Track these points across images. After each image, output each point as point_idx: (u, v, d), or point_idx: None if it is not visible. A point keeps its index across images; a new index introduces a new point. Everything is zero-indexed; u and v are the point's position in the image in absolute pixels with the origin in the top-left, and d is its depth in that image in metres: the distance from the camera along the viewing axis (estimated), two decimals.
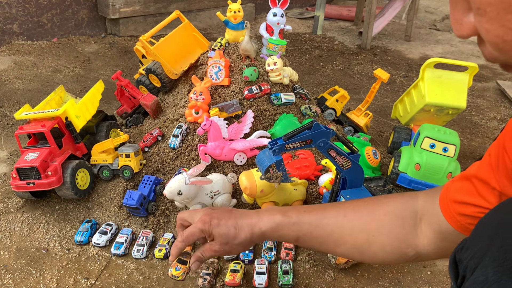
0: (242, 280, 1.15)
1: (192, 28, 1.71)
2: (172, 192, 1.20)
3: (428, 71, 1.60)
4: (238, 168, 1.38)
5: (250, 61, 1.51)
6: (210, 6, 3.36)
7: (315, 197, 1.36)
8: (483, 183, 0.64)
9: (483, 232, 0.51)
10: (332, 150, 1.11)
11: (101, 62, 2.67)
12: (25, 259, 1.22)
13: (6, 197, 1.44)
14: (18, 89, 2.23)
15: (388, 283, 1.19)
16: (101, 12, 3.02)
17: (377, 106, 2.28)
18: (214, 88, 1.50)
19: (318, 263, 1.24)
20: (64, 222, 1.36)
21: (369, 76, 2.68)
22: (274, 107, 1.48)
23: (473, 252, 0.51)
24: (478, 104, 2.41)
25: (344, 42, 3.31)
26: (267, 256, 1.24)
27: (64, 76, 2.44)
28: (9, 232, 1.31)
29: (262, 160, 1.12)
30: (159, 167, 1.44)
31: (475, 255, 0.50)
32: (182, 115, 1.50)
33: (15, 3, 2.71)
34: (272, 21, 1.50)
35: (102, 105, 1.94)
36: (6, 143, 1.77)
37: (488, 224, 0.52)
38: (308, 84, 2.51)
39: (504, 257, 0.45)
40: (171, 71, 1.62)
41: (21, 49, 2.71)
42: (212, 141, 1.35)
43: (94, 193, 1.42)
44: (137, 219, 1.35)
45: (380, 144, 1.86)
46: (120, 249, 1.24)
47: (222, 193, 1.29)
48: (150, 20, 3.09)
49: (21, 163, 1.28)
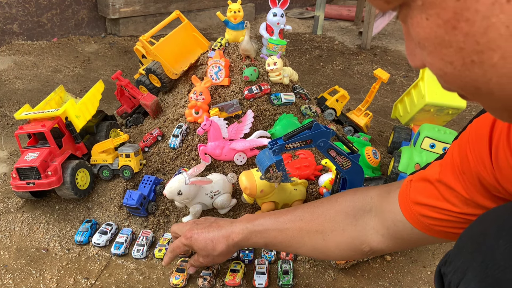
0: (242, 280, 1.15)
1: (192, 28, 1.71)
2: (172, 192, 1.20)
3: (428, 71, 1.60)
4: (238, 168, 1.38)
5: (250, 61, 1.51)
6: (210, 6, 3.36)
7: (315, 197, 1.36)
8: (448, 188, 0.65)
9: (465, 246, 0.52)
10: (332, 150, 1.11)
11: (101, 62, 2.67)
12: (25, 259, 1.22)
13: (6, 197, 1.44)
14: (18, 89, 2.23)
15: (388, 283, 1.19)
16: (101, 12, 3.02)
17: (377, 106, 2.28)
18: (214, 88, 1.50)
19: (318, 263, 1.24)
20: (64, 222, 1.36)
21: (369, 76, 2.68)
22: (274, 107, 1.48)
23: (456, 266, 0.51)
24: (478, 104, 2.41)
25: (344, 42, 3.31)
26: (267, 256, 1.24)
27: (64, 76, 2.44)
28: (9, 232, 1.31)
29: (262, 160, 1.12)
30: (159, 167, 1.44)
31: (458, 269, 0.50)
32: (182, 115, 1.50)
33: (15, 3, 2.71)
34: (272, 21, 1.50)
35: (102, 105, 1.94)
36: (6, 143, 1.77)
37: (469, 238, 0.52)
38: (308, 84, 2.51)
39: (486, 272, 0.46)
40: (171, 71, 1.62)
41: (21, 49, 2.71)
42: (212, 141, 1.35)
43: (94, 193, 1.42)
44: (137, 219, 1.35)
45: (380, 144, 1.86)
46: (120, 249, 1.24)
47: (222, 193, 1.29)
48: (150, 20, 3.09)
49: (21, 163, 1.28)
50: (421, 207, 0.68)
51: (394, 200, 0.74)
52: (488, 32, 0.28)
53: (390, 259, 1.27)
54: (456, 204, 0.63)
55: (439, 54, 0.31)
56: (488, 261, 0.46)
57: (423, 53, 0.33)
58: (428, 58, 0.33)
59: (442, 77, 0.33)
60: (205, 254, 1.00)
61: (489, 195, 0.59)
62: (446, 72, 0.32)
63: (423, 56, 0.33)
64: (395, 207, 0.73)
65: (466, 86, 0.32)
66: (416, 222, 0.70)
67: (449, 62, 0.31)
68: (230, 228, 0.96)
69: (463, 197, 0.62)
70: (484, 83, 0.31)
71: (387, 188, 0.80)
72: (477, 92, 0.33)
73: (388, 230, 0.76)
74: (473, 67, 0.30)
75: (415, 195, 0.70)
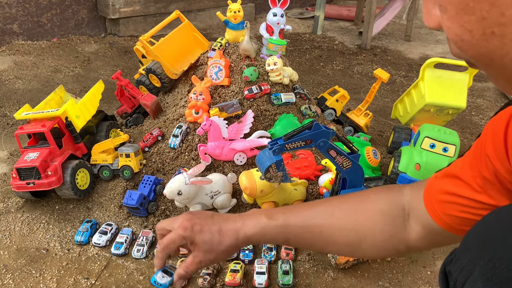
0: (242, 280, 1.15)
1: (192, 28, 1.71)
2: (172, 192, 1.20)
3: (428, 71, 1.60)
4: (238, 168, 1.38)
5: (250, 61, 1.51)
6: (210, 6, 3.36)
7: (315, 197, 1.36)
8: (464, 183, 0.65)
9: (471, 244, 0.51)
10: (332, 150, 1.11)
11: (101, 62, 2.67)
12: (25, 259, 1.22)
13: (6, 197, 1.44)
14: (18, 89, 2.23)
15: (388, 283, 1.19)
16: (101, 12, 3.02)
17: (377, 106, 2.28)
18: (214, 88, 1.50)
19: (318, 263, 1.24)
20: (64, 222, 1.36)
21: (369, 76, 2.68)
22: (274, 107, 1.48)
23: (462, 265, 0.50)
24: (478, 104, 2.41)
25: (344, 42, 3.31)
26: (267, 256, 1.24)
27: (64, 76, 2.44)
28: (9, 232, 1.31)
29: (262, 160, 1.12)
30: (159, 167, 1.44)
31: (465, 268, 0.50)
32: (182, 115, 1.50)
33: (15, 3, 2.71)
34: (272, 21, 1.50)
35: (102, 105, 1.94)
36: (6, 143, 1.77)
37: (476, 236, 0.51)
38: (308, 84, 2.51)
39: (493, 271, 0.45)
40: (171, 71, 1.62)
41: (21, 49, 2.70)
42: (212, 141, 1.35)
43: (94, 193, 1.42)
44: (137, 219, 1.35)
45: (380, 144, 1.86)
46: (120, 249, 1.24)
47: (222, 193, 1.29)
48: (150, 20, 3.09)
49: (21, 163, 1.28)
50: (443, 205, 0.67)
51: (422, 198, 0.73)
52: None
53: (390, 259, 1.27)
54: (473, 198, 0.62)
55: (460, 20, 0.31)
56: (496, 260, 0.45)
57: (443, 16, 0.32)
58: (447, 22, 0.32)
59: (457, 43, 0.32)
60: (208, 248, 0.82)
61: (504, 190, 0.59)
62: (463, 39, 0.32)
63: (442, 19, 0.33)
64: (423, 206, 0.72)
65: (480, 56, 0.32)
66: (441, 222, 0.68)
67: (469, 30, 0.31)
68: (241, 221, 0.82)
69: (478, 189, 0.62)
70: (500, 57, 0.30)
71: (418, 185, 0.77)
72: (490, 64, 0.32)
73: (423, 229, 0.74)
74: (493, 39, 0.30)
75: (437, 193, 0.69)
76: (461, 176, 0.66)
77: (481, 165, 0.62)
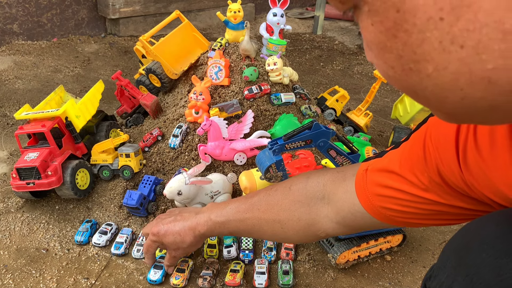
0: (242, 280, 1.15)
1: (192, 28, 1.71)
2: (172, 192, 1.20)
3: None
4: (238, 168, 1.38)
5: (250, 61, 1.51)
6: (210, 6, 3.36)
7: None
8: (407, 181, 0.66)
9: (448, 260, 0.52)
10: (332, 150, 1.11)
11: (101, 62, 2.67)
12: (25, 259, 1.22)
13: (6, 197, 1.44)
14: (18, 89, 2.23)
15: (388, 283, 1.19)
16: (101, 12, 3.02)
17: (377, 106, 2.28)
18: (214, 88, 1.50)
19: (318, 263, 1.24)
20: (64, 222, 1.36)
21: (369, 76, 2.68)
22: (274, 107, 1.48)
23: (441, 281, 0.52)
24: None
25: (344, 42, 3.31)
26: (267, 256, 1.24)
27: (64, 76, 2.44)
28: (9, 232, 1.31)
29: (262, 160, 1.12)
30: (159, 167, 1.44)
31: (443, 284, 0.51)
32: (182, 115, 1.50)
33: (15, 3, 2.71)
34: (272, 21, 1.50)
35: (102, 105, 1.94)
36: (6, 143, 1.77)
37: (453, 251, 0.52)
38: (308, 84, 2.51)
39: (471, 286, 0.46)
40: (171, 71, 1.62)
41: (21, 49, 2.70)
42: (212, 141, 1.35)
43: (94, 193, 1.42)
44: (137, 219, 1.36)
45: (380, 144, 1.86)
46: (120, 249, 1.24)
47: (222, 193, 1.29)
48: (150, 20, 3.09)
49: (21, 163, 1.28)
50: (382, 198, 0.70)
51: (351, 190, 0.76)
52: (423, 45, 0.30)
53: (390, 259, 1.27)
54: (417, 194, 0.64)
55: (383, 57, 0.33)
56: (473, 275, 0.46)
57: (371, 54, 0.35)
58: (375, 59, 0.35)
59: (386, 78, 0.35)
60: (175, 247, 1.03)
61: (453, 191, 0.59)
62: (388, 75, 0.34)
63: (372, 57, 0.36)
64: (352, 197, 0.76)
65: (406, 90, 0.34)
66: (376, 214, 0.72)
67: (391, 66, 0.33)
68: (195, 220, 0.99)
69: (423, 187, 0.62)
70: (421, 90, 0.33)
71: (341, 175, 0.82)
72: (416, 96, 0.35)
73: (344, 219, 0.79)
74: (411, 74, 0.32)
75: (374, 187, 0.72)
76: (400, 173, 0.67)
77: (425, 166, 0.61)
